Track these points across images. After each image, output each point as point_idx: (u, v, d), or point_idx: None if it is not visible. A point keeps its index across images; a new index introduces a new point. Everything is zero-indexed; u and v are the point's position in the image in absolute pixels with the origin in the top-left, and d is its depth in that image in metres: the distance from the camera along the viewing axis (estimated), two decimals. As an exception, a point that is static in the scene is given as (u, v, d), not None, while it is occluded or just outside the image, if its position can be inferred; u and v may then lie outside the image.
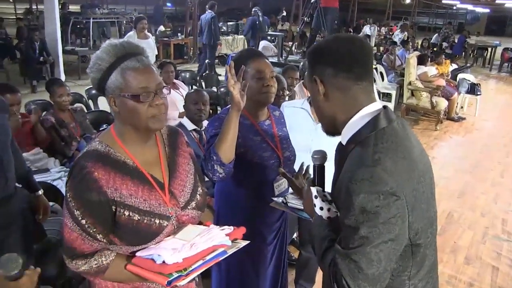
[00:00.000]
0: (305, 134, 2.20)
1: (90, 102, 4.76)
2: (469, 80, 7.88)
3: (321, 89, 1.14)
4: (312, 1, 7.78)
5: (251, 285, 1.90)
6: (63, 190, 2.81)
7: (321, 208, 1.12)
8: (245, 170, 1.69)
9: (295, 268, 2.76)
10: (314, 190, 1.14)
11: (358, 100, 1.12)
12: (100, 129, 3.93)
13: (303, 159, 1.98)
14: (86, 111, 4.27)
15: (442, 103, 7.09)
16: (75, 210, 1.19)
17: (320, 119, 1.21)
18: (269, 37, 9.84)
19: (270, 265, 1.91)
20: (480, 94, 7.89)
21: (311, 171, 1.78)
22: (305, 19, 8.51)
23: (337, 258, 1.02)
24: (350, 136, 1.12)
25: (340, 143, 1.21)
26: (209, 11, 9.16)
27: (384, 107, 1.13)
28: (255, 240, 1.32)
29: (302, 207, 1.67)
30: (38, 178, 2.46)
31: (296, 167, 1.82)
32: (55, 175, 2.92)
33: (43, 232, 2.31)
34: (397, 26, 16.91)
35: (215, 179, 1.59)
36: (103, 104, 4.88)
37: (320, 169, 1.29)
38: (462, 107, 8.19)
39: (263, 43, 8.71)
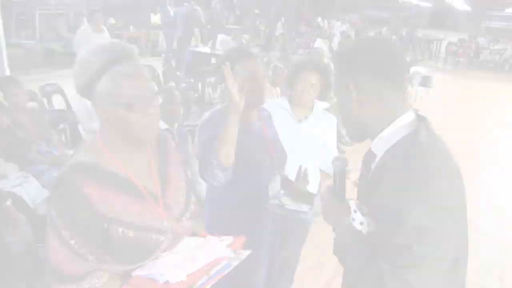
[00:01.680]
0: (287, 135, 2.15)
1: (45, 100, 4.44)
2: (421, 73, 8.17)
3: (355, 95, 1.08)
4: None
5: None
6: (25, 197, 2.61)
7: (361, 223, 1.06)
8: (239, 173, 1.63)
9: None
10: (353, 204, 1.08)
11: (394, 108, 1.07)
12: (59, 128, 3.71)
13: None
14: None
15: (398, 96, 7.30)
16: (62, 230, 1.08)
17: (348, 124, 1.16)
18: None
19: (263, 269, 1.86)
20: (432, 87, 8.21)
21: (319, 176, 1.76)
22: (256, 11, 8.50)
23: (385, 276, 0.97)
24: (386, 148, 1.07)
25: (370, 154, 1.15)
26: (186, 4, 8.96)
27: (421, 117, 1.09)
28: (251, 246, 1.26)
29: (300, 209, 1.65)
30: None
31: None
32: (15, 181, 2.68)
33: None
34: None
35: (215, 184, 1.53)
36: (59, 101, 4.59)
37: (341, 177, 1.22)
38: (415, 100, 8.48)
39: (220, 37, 8.57)
